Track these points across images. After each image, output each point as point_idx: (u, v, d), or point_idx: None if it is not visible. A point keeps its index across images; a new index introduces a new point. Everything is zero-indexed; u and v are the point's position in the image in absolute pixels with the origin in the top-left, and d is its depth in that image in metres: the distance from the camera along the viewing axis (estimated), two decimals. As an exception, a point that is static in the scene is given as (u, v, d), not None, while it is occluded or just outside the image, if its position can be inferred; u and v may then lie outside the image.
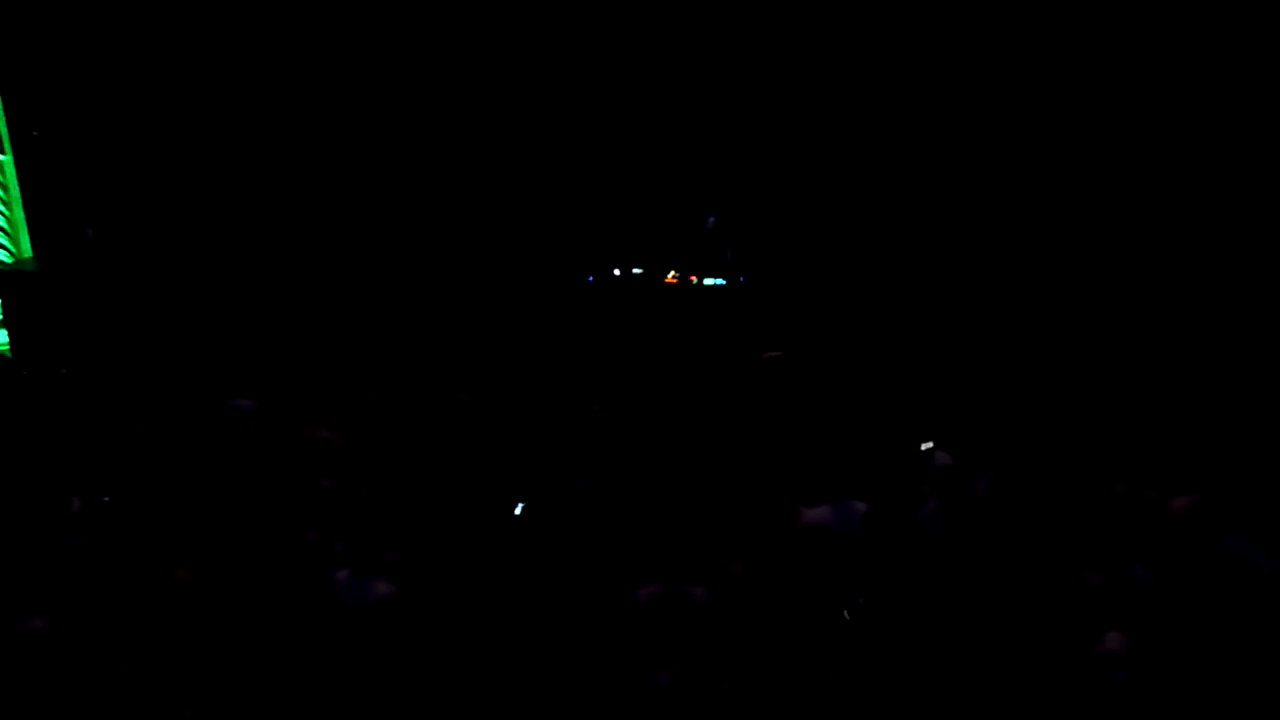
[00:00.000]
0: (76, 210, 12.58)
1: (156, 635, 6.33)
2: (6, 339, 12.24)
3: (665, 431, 8.84)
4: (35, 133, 12.53)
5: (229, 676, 6.09)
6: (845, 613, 5.95)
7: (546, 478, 8.00)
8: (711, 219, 11.16)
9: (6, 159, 12.48)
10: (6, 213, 12.55)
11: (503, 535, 7.24)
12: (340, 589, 6.53)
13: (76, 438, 8.94)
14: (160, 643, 6.27)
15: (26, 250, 12.69)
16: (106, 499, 7.72)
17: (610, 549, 6.92)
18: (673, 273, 11.17)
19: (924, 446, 7.48)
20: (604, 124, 11.48)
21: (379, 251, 11.82)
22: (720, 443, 8.57)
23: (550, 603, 6.39)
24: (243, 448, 8.54)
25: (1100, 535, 6.27)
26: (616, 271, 11.34)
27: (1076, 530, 6.41)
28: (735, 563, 6.45)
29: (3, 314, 12.20)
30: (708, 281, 11.06)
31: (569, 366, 10.51)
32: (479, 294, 11.34)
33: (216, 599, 6.63)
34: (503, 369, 10.46)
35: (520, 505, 7.24)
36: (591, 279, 11.32)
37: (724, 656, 5.88)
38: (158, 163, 12.35)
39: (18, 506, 7.54)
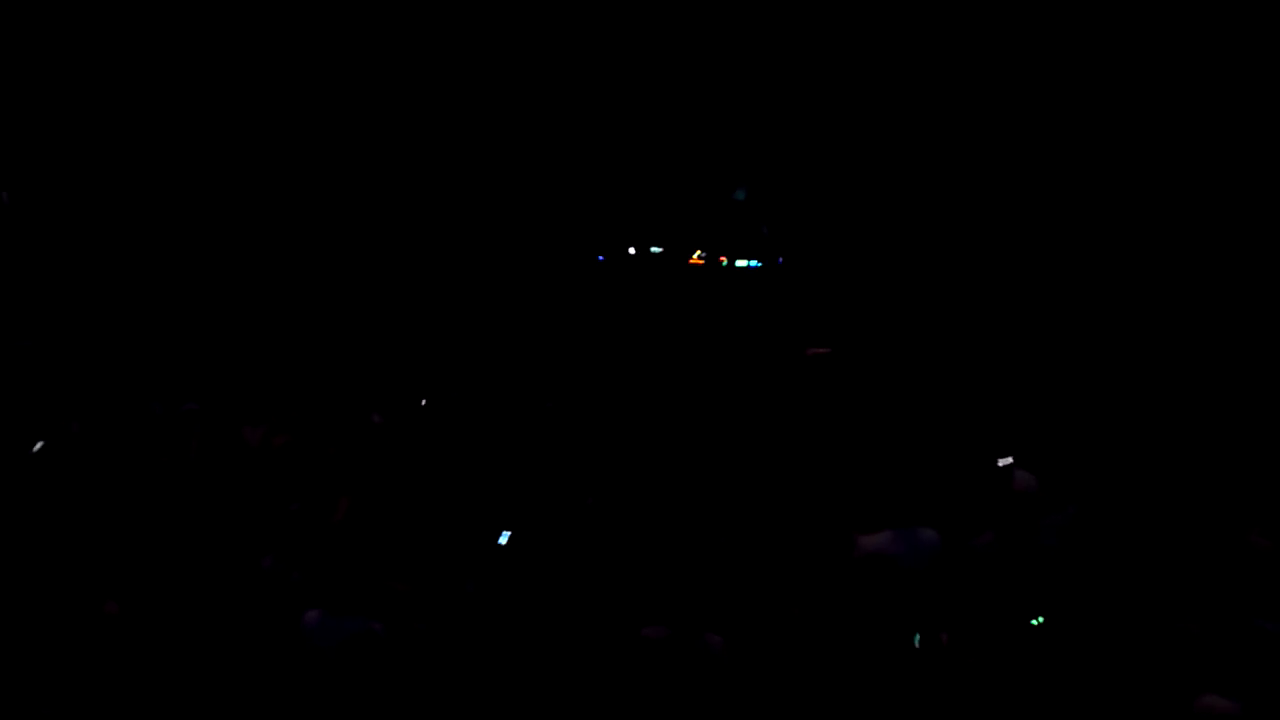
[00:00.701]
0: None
1: (81, 680, 6.34)
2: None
3: (689, 440, 8.83)
4: None
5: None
6: (916, 640, 5.97)
7: (547, 492, 7.98)
8: (741, 192, 11.17)
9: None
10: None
11: (493, 560, 7.24)
12: (308, 629, 6.54)
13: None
14: (86, 689, 6.28)
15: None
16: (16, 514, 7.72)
17: (620, 579, 6.93)
18: (699, 252, 11.20)
19: (1002, 463, 7.48)
20: (615, 77, 11.51)
21: (345, 226, 11.86)
22: (756, 455, 8.55)
23: (542, 641, 6.40)
24: (185, 457, 8.56)
25: (1202, 580, 6.33)
26: (631, 250, 11.33)
27: (1172, 573, 6.48)
28: (766, 605, 6.48)
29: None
30: (740, 263, 11.08)
31: (574, 362, 10.52)
32: (467, 276, 11.36)
33: (152, 637, 6.62)
34: (496, 363, 10.48)
35: (506, 534, 7.24)
36: (602, 259, 11.31)
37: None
38: (89, 108, 12.35)
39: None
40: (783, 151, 11.35)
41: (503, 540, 7.25)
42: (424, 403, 9.32)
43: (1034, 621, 6.15)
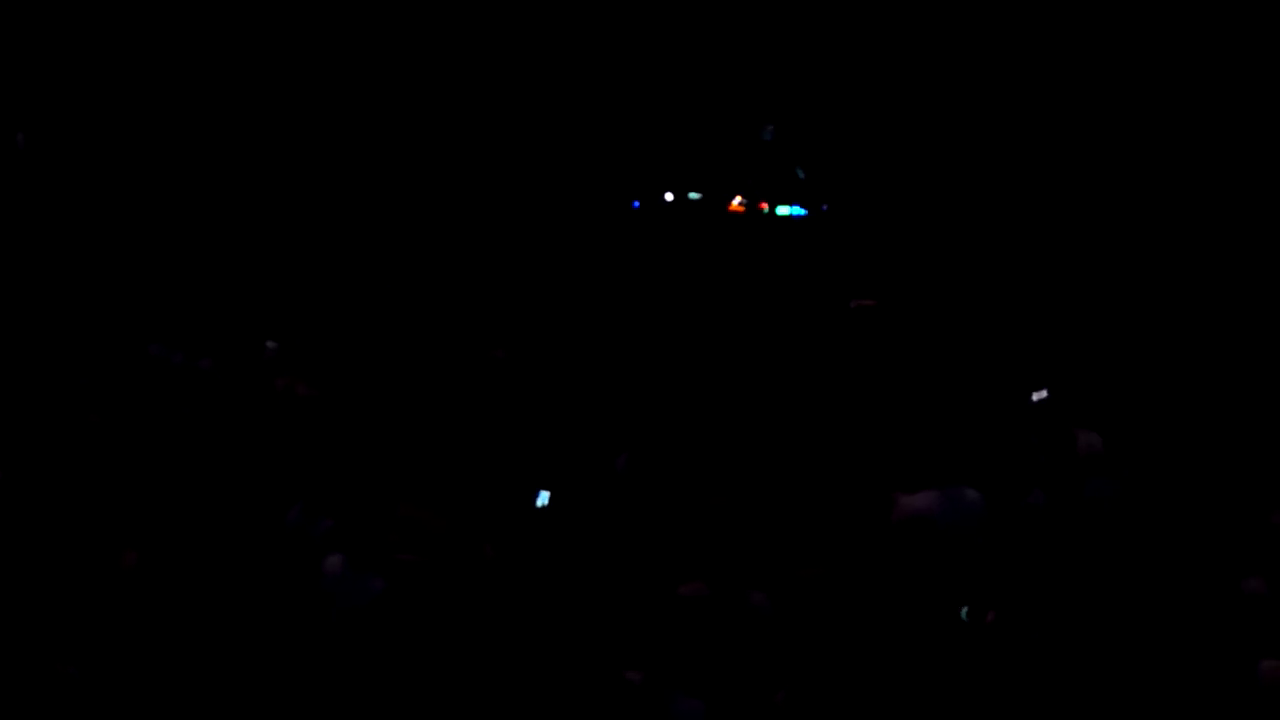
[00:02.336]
0: (6, 113, 12.62)
1: (103, 631, 6.38)
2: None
3: (726, 396, 8.79)
4: None
5: (182, 682, 6.15)
6: (963, 613, 5.95)
7: (579, 452, 7.98)
8: (768, 131, 11.10)
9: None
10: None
11: (525, 522, 7.24)
12: (330, 581, 6.56)
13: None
14: (108, 641, 6.32)
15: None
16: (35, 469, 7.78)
17: (653, 541, 6.93)
18: (739, 198, 11.14)
19: (1036, 396, 7.47)
20: (646, 16, 11.45)
21: (376, 172, 11.87)
22: (796, 411, 8.51)
23: (577, 603, 6.41)
24: (203, 409, 8.61)
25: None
26: (668, 196, 11.26)
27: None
28: (808, 564, 6.45)
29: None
30: (782, 210, 11.03)
31: (606, 314, 10.50)
32: (497, 221, 11.35)
33: (172, 589, 6.65)
34: (526, 315, 10.47)
35: (544, 494, 7.25)
36: (637, 205, 11.25)
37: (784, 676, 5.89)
38: (98, 56, 12.38)
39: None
40: (820, 95, 11.29)
41: (541, 501, 7.25)
42: (456, 357, 9.34)
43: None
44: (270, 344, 9.36)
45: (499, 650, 6.18)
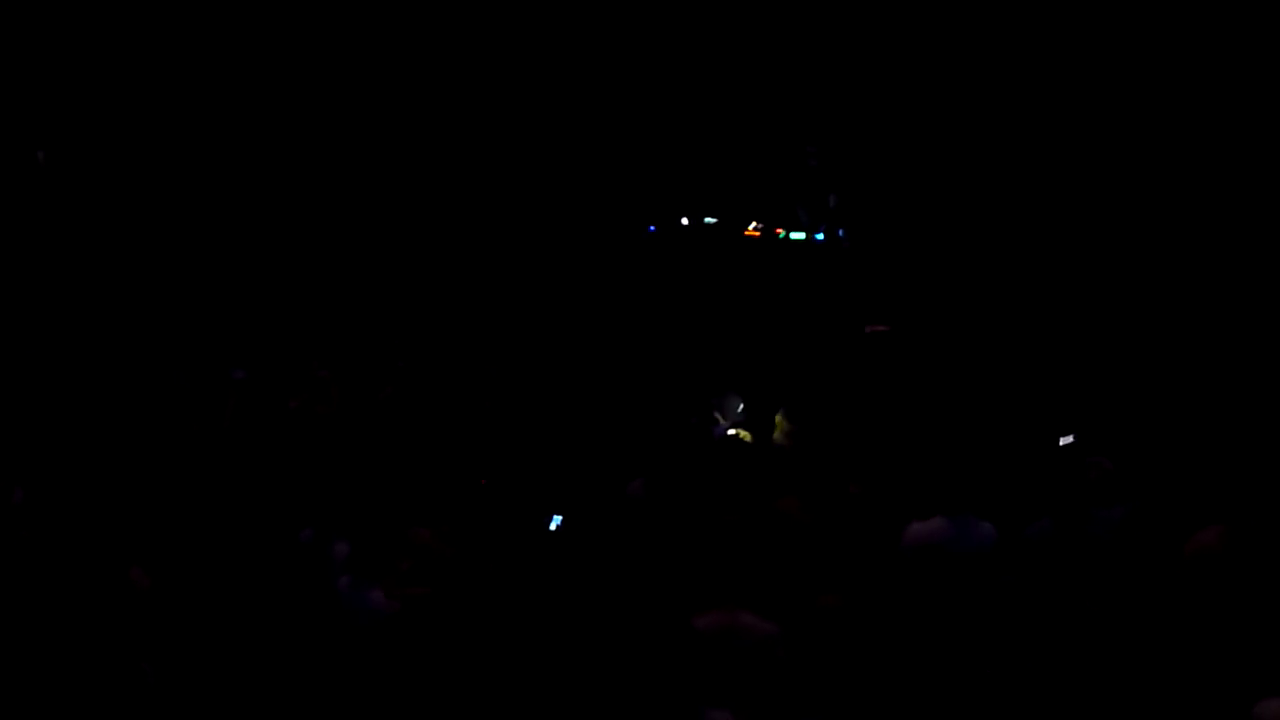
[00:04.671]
0: (29, 128, 12.75)
1: (112, 649, 6.47)
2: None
3: (741, 420, 8.86)
4: None
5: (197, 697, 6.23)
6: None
7: (592, 474, 8.03)
8: (812, 152, 11.12)
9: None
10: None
11: (537, 546, 7.30)
12: (343, 597, 6.64)
13: (22, 411, 9.14)
14: (117, 659, 6.41)
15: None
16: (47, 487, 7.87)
17: (667, 565, 6.96)
18: (755, 223, 11.17)
19: (1063, 441, 7.47)
20: (667, 40, 11.54)
21: (389, 194, 11.99)
22: (809, 436, 8.56)
23: (588, 630, 6.47)
24: (222, 425, 8.70)
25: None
26: (684, 220, 11.33)
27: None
28: (823, 592, 6.45)
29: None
30: (798, 235, 11.05)
31: (622, 335, 10.55)
32: (516, 245, 11.43)
33: (183, 608, 6.75)
34: (541, 336, 10.53)
35: (557, 519, 7.29)
36: (654, 229, 11.32)
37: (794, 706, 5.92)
38: (124, 69, 12.48)
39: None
40: (845, 123, 11.33)
41: (553, 525, 7.29)
42: (474, 379, 9.40)
43: None
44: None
45: (511, 676, 6.23)
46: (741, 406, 9.04)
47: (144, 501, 7.76)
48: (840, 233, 11.04)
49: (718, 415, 8.92)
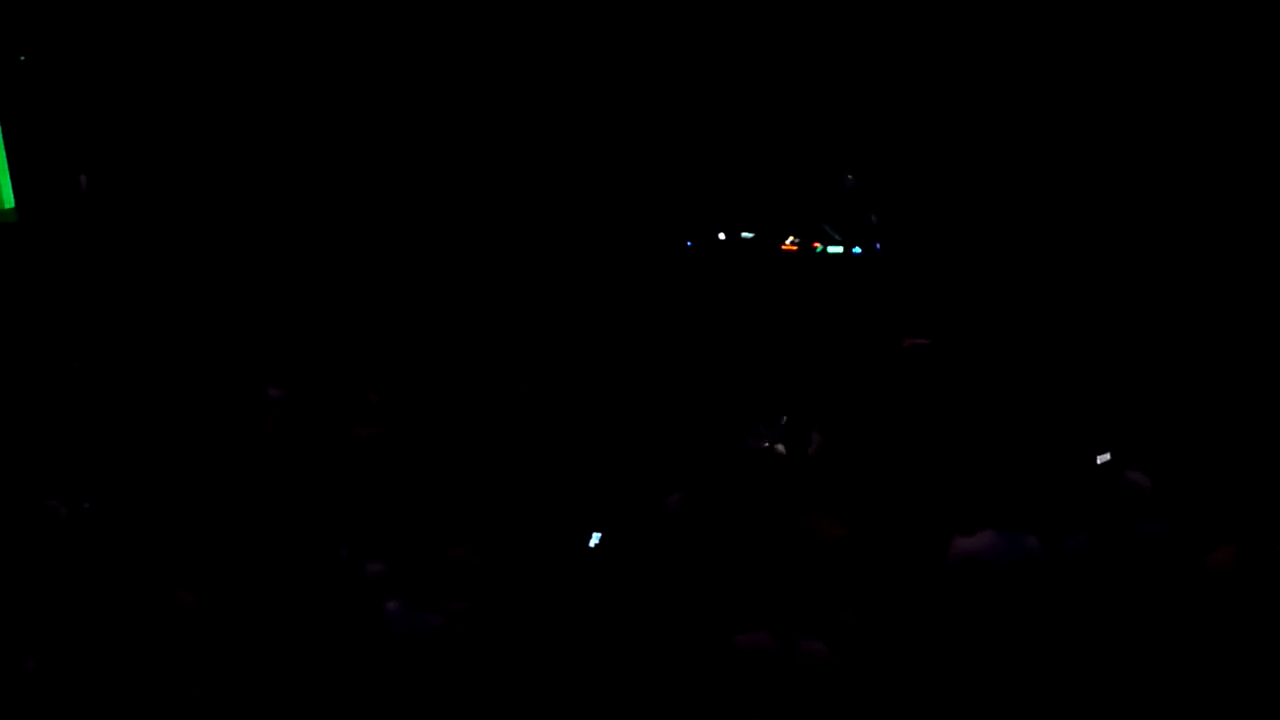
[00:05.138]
0: (69, 151, 12.88)
1: (159, 669, 6.53)
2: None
3: (780, 435, 8.88)
4: (21, 57, 12.83)
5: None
6: None
7: (631, 491, 8.06)
8: (850, 177, 11.16)
9: (-14, 89, 12.82)
10: (-16, 154, 12.88)
11: (575, 563, 7.33)
12: (390, 619, 6.68)
13: (65, 431, 9.26)
14: (164, 679, 6.47)
15: (9, 200, 13.03)
16: (90, 505, 7.96)
17: (709, 583, 6.98)
18: (792, 238, 11.20)
19: (1100, 460, 7.46)
20: (697, 45, 11.59)
21: (424, 204, 12.05)
22: (850, 451, 8.57)
23: (627, 646, 6.48)
24: (261, 445, 8.78)
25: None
26: (721, 235, 11.37)
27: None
28: (851, 607, 6.47)
29: (-21, 276, 12.56)
30: (834, 249, 11.06)
31: (661, 353, 10.59)
32: (550, 261, 11.49)
33: (229, 627, 6.80)
34: (579, 353, 10.58)
35: (596, 536, 7.32)
36: (690, 244, 11.36)
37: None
38: (166, 93, 12.61)
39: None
40: (884, 136, 11.35)
41: (593, 542, 7.30)
42: (514, 393, 9.46)
43: None
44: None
45: (550, 692, 6.26)
46: (784, 420, 9.07)
47: (185, 519, 7.86)
48: (877, 246, 11.05)
49: (761, 429, 8.95)
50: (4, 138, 12.90)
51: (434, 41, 12.03)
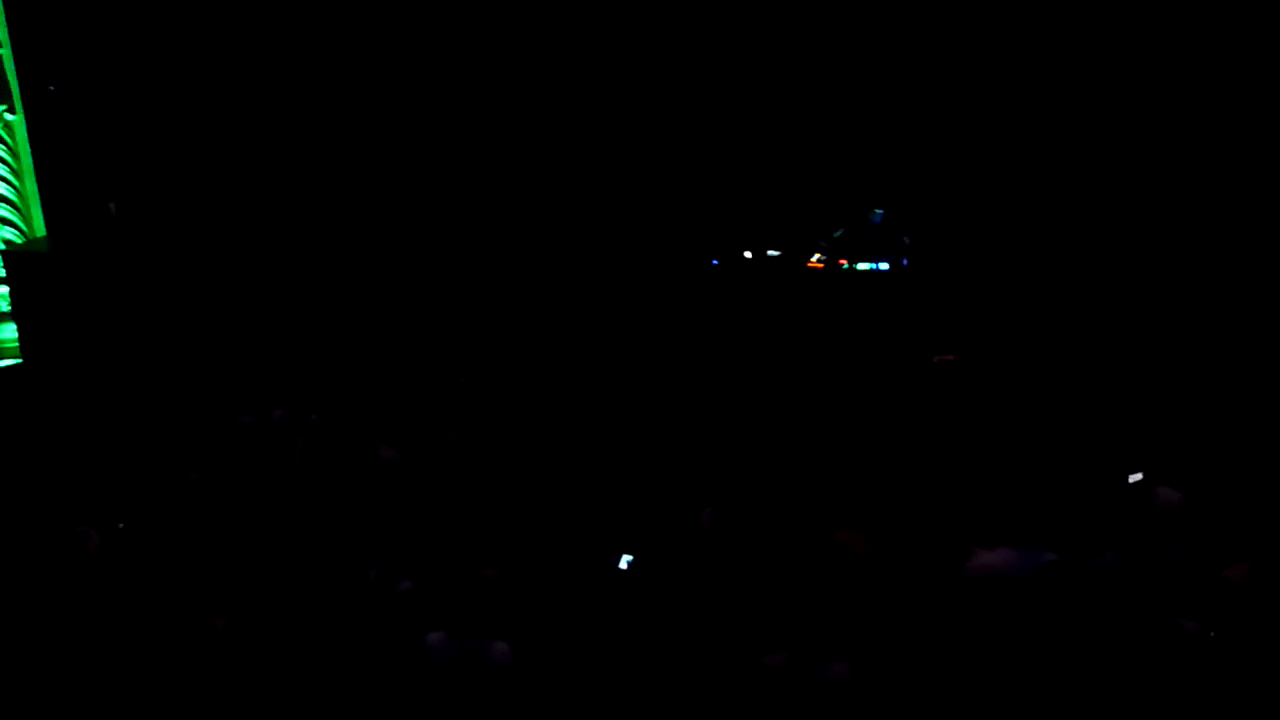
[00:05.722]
0: (98, 180, 12.99)
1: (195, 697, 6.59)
2: (14, 334, 12.73)
3: (809, 453, 8.91)
4: (51, 87, 12.97)
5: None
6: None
7: (662, 510, 8.09)
8: (878, 213, 11.18)
9: (17, 119, 12.93)
10: (15, 183, 12.98)
11: (606, 582, 7.36)
12: (431, 650, 6.73)
13: (97, 457, 9.34)
14: (196, 699, 6.52)
15: (40, 228, 13.16)
16: (123, 529, 8.03)
17: (738, 600, 6.99)
18: (817, 255, 11.20)
19: (1133, 479, 7.44)
20: (727, 70, 11.65)
21: (458, 220, 12.13)
22: (876, 467, 8.59)
23: (659, 668, 6.50)
24: (290, 468, 8.85)
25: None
26: (747, 254, 11.42)
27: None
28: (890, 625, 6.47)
29: (10, 304, 12.68)
30: (862, 266, 11.07)
31: (689, 371, 10.62)
32: (576, 280, 11.55)
33: (265, 653, 6.86)
34: (609, 373, 10.61)
35: (626, 558, 7.33)
36: (716, 263, 11.42)
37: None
38: (195, 122, 12.72)
39: (28, 542, 7.89)
40: (912, 145, 11.38)
41: (623, 564, 7.34)
42: (542, 413, 9.50)
43: None
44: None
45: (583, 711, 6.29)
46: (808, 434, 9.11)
47: (217, 542, 7.93)
48: (904, 262, 11.05)
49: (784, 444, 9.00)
50: (36, 168, 13.06)
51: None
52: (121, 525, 8.07)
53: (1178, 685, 5.88)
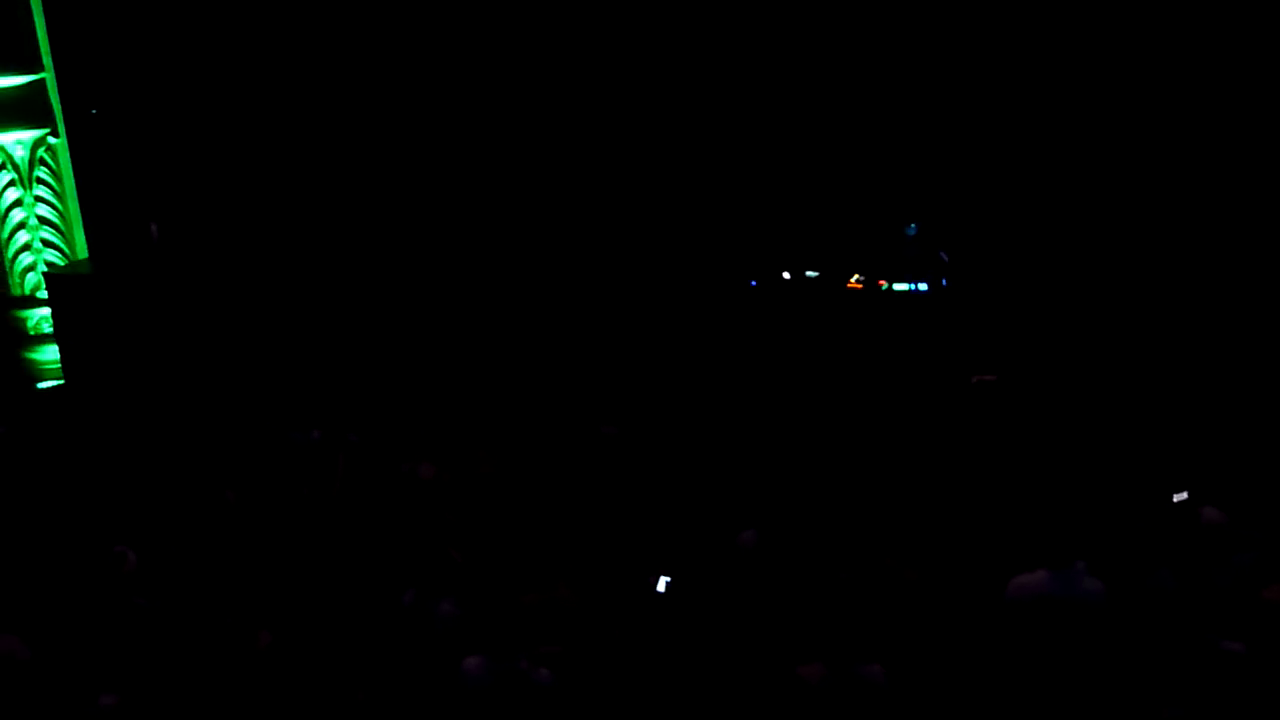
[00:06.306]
0: (140, 203, 13.12)
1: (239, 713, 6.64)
2: (57, 356, 12.86)
3: (847, 473, 8.92)
4: (93, 111, 13.12)
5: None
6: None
7: (701, 527, 8.11)
8: (913, 227, 11.18)
9: (59, 142, 13.09)
10: (59, 206, 13.13)
11: (646, 599, 7.39)
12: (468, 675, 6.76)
13: (137, 477, 9.43)
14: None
15: (82, 251, 13.30)
16: (165, 548, 8.11)
17: (775, 614, 7.00)
18: (856, 276, 11.20)
19: (1177, 498, 7.41)
20: (767, 92, 11.68)
21: (498, 244, 12.18)
22: (915, 488, 8.59)
23: (699, 680, 6.51)
24: (332, 489, 8.91)
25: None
26: (786, 275, 11.44)
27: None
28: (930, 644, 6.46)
29: (53, 325, 12.82)
30: (900, 287, 11.06)
31: (728, 392, 10.63)
32: (615, 302, 11.60)
33: (309, 668, 6.91)
34: (647, 395, 10.63)
35: (664, 580, 7.35)
36: (755, 284, 11.46)
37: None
38: (235, 145, 12.84)
39: (69, 561, 7.96)
40: (951, 166, 11.38)
41: (661, 587, 7.38)
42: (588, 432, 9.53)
43: None
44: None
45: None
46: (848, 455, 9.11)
47: (257, 561, 7.99)
48: (944, 282, 11.04)
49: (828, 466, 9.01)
50: (78, 191, 13.19)
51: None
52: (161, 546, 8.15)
53: (1222, 705, 5.86)
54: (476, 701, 6.58)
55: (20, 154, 12.81)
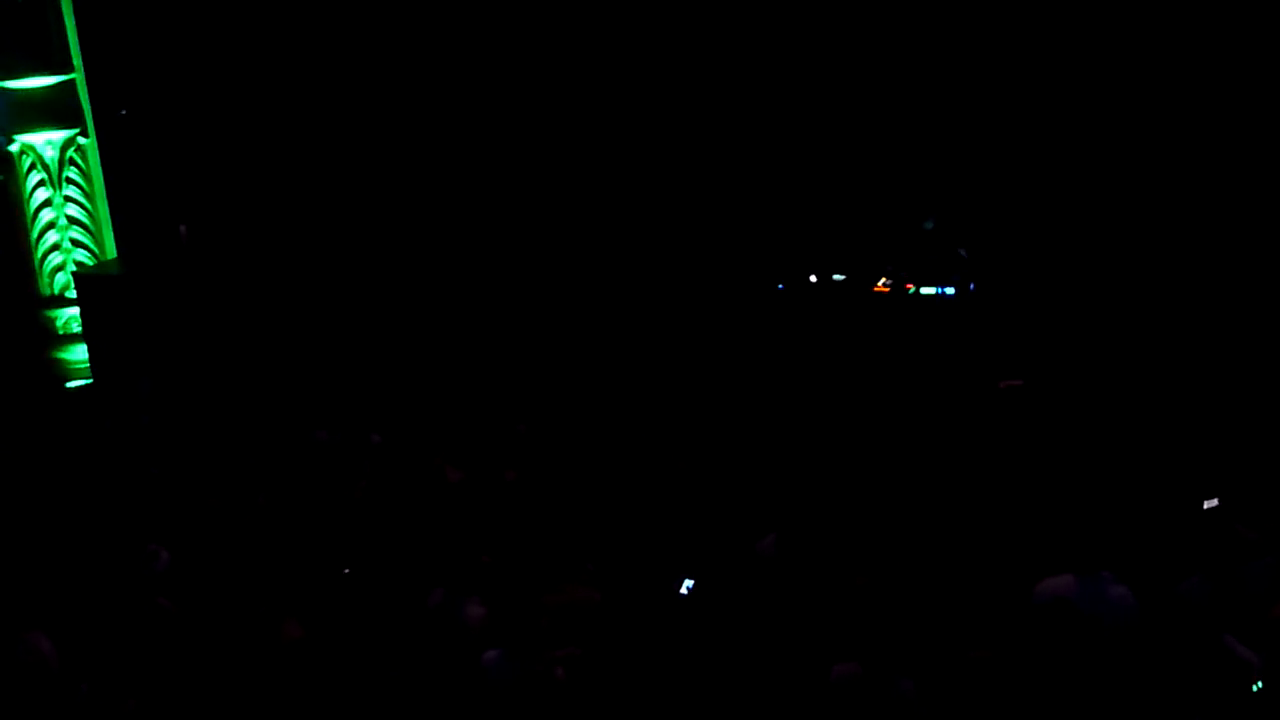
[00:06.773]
0: (169, 203, 13.20)
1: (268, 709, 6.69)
2: (85, 355, 12.96)
3: (874, 478, 8.93)
4: (122, 112, 13.21)
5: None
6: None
7: (727, 532, 8.11)
8: (930, 222, 11.19)
9: (89, 143, 13.18)
10: (88, 206, 13.22)
11: (671, 601, 7.40)
12: (488, 668, 6.79)
13: (166, 474, 9.50)
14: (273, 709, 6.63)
15: (111, 251, 13.39)
16: (196, 549, 8.17)
17: (803, 624, 7.01)
18: (884, 279, 11.20)
19: (1208, 505, 7.40)
20: (796, 95, 11.69)
21: (525, 246, 12.21)
22: (942, 493, 8.60)
23: (726, 684, 6.53)
24: (358, 489, 8.96)
25: None
26: (813, 278, 11.44)
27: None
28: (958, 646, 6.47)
29: (81, 325, 12.91)
30: (927, 290, 11.05)
31: (755, 395, 10.65)
32: (643, 304, 11.62)
33: (336, 662, 6.95)
34: (674, 397, 10.65)
35: (688, 583, 7.36)
36: (783, 287, 11.46)
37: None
38: (264, 147, 12.91)
39: (98, 562, 8.03)
40: (978, 166, 11.37)
41: (684, 589, 7.38)
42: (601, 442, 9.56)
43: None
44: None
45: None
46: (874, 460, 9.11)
47: (288, 559, 8.05)
48: (971, 286, 11.03)
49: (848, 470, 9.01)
50: (108, 191, 13.29)
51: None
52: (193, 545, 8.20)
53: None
54: (496, 695, 6.61)
55: (50, 154, 12.90)
